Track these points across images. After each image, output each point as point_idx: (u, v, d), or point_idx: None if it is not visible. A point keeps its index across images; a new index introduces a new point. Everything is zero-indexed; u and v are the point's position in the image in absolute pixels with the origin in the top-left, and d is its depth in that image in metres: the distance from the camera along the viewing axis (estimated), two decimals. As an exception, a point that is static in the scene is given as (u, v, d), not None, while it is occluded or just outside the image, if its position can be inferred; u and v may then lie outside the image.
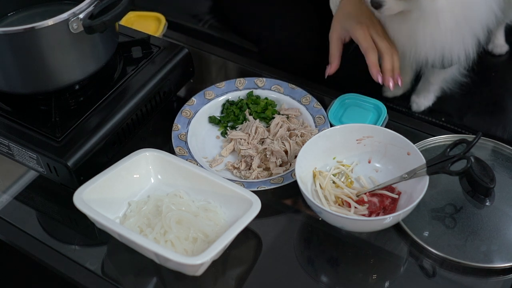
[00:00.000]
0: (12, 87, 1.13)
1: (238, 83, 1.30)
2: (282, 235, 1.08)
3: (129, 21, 1.58)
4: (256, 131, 1.20)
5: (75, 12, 1.05)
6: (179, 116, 1.23)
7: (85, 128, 1.11)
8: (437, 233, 1.04)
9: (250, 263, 1.03)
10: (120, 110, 1.15)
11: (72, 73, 1.12)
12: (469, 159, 1.01)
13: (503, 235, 1.03)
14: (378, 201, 1.05)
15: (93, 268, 1.03)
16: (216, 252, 0.93)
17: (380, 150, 1.12)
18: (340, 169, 1.12)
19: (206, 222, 1.03)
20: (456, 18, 1.12)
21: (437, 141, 1.18)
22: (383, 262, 1.04)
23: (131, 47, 1.26)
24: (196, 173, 1.08)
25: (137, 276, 1.03)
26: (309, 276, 1.02)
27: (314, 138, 1.10)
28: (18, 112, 1.15)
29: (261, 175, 1.14)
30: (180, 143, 1.19)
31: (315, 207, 1.01)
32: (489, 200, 1.07)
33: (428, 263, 1.02)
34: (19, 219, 1.12)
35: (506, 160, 1.14)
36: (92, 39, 1.10)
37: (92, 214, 0.98)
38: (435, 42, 1.15)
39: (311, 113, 1.24)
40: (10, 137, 1.11)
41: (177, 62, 1.25)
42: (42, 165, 1.10)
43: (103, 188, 1.05)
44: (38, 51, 1.06)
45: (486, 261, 1.00)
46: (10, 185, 1.18)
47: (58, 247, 1.07)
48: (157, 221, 1.02)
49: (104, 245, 1.07)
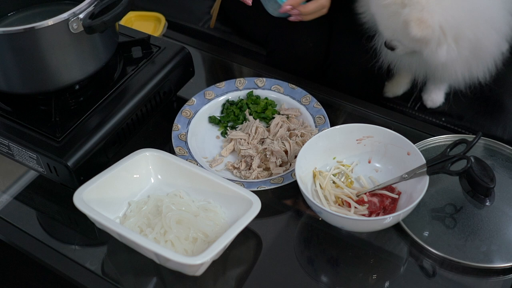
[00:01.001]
0: (12, 87, 1.13)
1: (238, 83, 1.30)
2: (282, 235, 1.08)
3: (129, 21, 1.58)
4: (256, 131, 1.20)
5: (75, 12, 1.05)
6: (179, 116, 1.23)
7: (85, 128, 1.11)
8: (437, 233, 1.04)
9: (250, 263, 1.03)
10: (120, 110, 1.15)
11: (72, 73, 1.12)
12: (469, 159, 1.01)
13: (503, 235, 1.03)
14: (378, 201, 1.05)
15: (93, 268, 1.03)
16: (216, 252, 0.93)
17: (380, 150, 1.12)
18: (340, 169, 1.12)
19: (206, 222, 1.03)
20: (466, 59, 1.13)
21: (437, 141, 1.18)
22: (383, 262, 1.04)
23: (131, 47, 1.26)
24: (196, 173, 1.08)
25: (137, 276, 1.03)
26: (309, 276, 1.02)
27: (314, 138, 1.10)
28: (18, 112, 1.15)
29: (261, 175, 1.14)
30: (180, 143, 1.19)
31: (315, 207, 1.01)
32: (489, 200, 1.07)
33: (428, 263, 1.02)
34: (19, 219, 1.12)
35: (506, 160, 1.14)
36: (92, 39, 1.10)
37: (92, 214, 0.98)
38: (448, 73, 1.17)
39: (311, 113, 1.24)
40: (10, 137, 1.11)
41: (177, 62, 1.25)
42: (42, 165, 1.10)
43: (103, 188, 1.05)
44: (38, 51, 1.06)
45: (486, 261, 1.00)
46: (10, 185, 1.18)
47: (58, 247, 1.07)
48: (157, 221, 1.02)
49: (104, 245, 1.07)
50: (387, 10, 1.12)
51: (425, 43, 1.10)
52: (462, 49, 1.12)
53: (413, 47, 1.15)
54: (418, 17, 1.04)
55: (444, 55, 1.11)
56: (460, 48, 1.12)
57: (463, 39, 1.11)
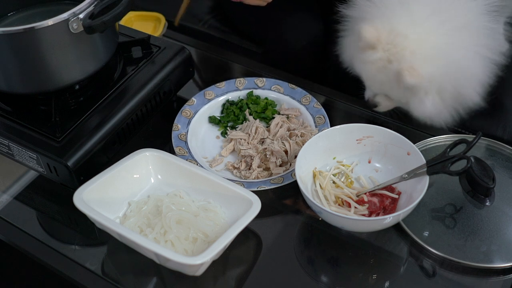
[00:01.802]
0: (12, 87, 1.13)
1: (238, 83, 1.30)
2: (282, 235, 1.08)
3: (129, 21, 1.58)
4: (256, 131, 1.20)
5: (75, 12, 1.05)
6: (179, 116, 1.23)
7: (85, 128, 1.11)
8: (437, 233, 1.04)
9: (250, 263, 1.03)
10: (120, 110, 1.15)
11: (72, 73, 1.12)
12: (469, 159, 1.01)
13: (503, 235, 1.03)
14: (378, 201, 1.05)
15: (93, 268, 1.03)
16: (216, 252, 0.93)
17: (380, 150, 1.12)
18: (340, 169, 1.12)
19: (206, 222, 1.03)
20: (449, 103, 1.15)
21: (437, 141, 1.18)
22: (383, 262, 1.04)
23: (131, 47, 1.26)
24: (196, 173, 1.08)
25: (137, 276, 1.03)
26: (309, 276, 1.02)
27: (314, 138, 1.10)
28: (18, 112, 1.15)
29: (261, 175, 1.14)
30: (180, 143, 1.19)
31: (315, 207, 1.01)
32: (489, 200, 1.07)
33: (428, 263, 1.02)
34: (19, 219, 1.12)
35: (506, 160, 1.14)
36: (92, 39, 1.10)
37: (92, 214, 0.98)
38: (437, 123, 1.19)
39: (311, 113, 1.24)
40: (10, 137, 1.11)
41: (177, 62, 1.25)
42: (42, 165, 1.10)
43: (103, 188, 1.05)
44: (38, 51, 1.06)
45: (486, 261, 1.00)
46: (10, 185, 1.18)
47: (58, 247, 1.07)
48: (157, 221, 1.02)
49: (104, 245, 1.07)
50: (373, 66, 1.14)
51: (414, 93, 1.12)
52: (445, 100, 1.14)
53: (399, 99, 1.17)
54: (410, 66, 1.07)
55: (429, 107, 1.13)
56: (443, 99, 1.14)
57: (444, 92, 1.13)
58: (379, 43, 1.10)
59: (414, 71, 1.07)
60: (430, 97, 1.13)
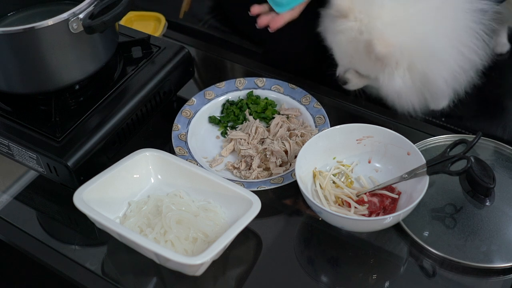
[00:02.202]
0: (12, 87, 1.13)
1: (238, 83, 1.30)
2: (282, 235, 1.08)
3: (129, 21, 1.58)
4: (256, 131, 1.20)
5: (75, 12, 1.05)
6: (179, 116, 1.23)
7: (85, 128, 1.11)
8: (437, 233, 1.04)
9: (250, 263, 1.03)
10: (120, 110, 1.15)
11: (72, 73, 1.12)
12: (469, 159, 1.01)
13: (503, 235, 1.03)
14: (378, 201, 1.05)
15: (93, 268, 1.03)
16: (216, 252, 0.93)
17: (380, 150, 1.12)
18: (340, 169, 1.12)
19: (206, 222, 1.03)
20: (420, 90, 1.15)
21: (437, 141, 1.18)
22: (383, 262, 1.04)
23: (131, 47, 1.26)
24: (196, 173, 1.08)
25: (137, 276, 1.03)
26: (309, 276, 1.02)
27: (314, 138, 1.10)
28: (18, 112, 1.15)
29: (261, 175, 1.14)
30: (180, 143, 1.19)
31: (315, 207, 1.01)
32: (489, 200, 1.07)
33: (428, 263, 1.02)
34: (19, 219, 1.12)
35: (506, 160, 1.14)
36: (92, 39, 1.10)
37: (92, 214, 0.98)
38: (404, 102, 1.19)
39: (311, 113, 1.24)
40: (10, 137, 1.11)
41: (177, 62, 1.25)
42: (42, 165, 1.10)
43: (103, 188, 1.05)
44: (38, 51, 1.06)
45: (486, 261, 1.00)
46: (10, 185, 1.18)
47: (58, 247, 1.07)
48: (157, 221, 1.02)
49: (104, 245, 1.07)
50: (344, 37, 1.13)
51: (384, 65, 1.11)
52: (414, 80, 1.14)
53: (369, 74, 1.16)
54: (381, 36, 1.07)
55: (399, 82, 1.13)
56: (413, 78, 1.14)
57: (413, 70, 1.13)
58: (351, 11, 1.10)
59: (385, 41, 1.06)
60: (401, 70, 1.12)
